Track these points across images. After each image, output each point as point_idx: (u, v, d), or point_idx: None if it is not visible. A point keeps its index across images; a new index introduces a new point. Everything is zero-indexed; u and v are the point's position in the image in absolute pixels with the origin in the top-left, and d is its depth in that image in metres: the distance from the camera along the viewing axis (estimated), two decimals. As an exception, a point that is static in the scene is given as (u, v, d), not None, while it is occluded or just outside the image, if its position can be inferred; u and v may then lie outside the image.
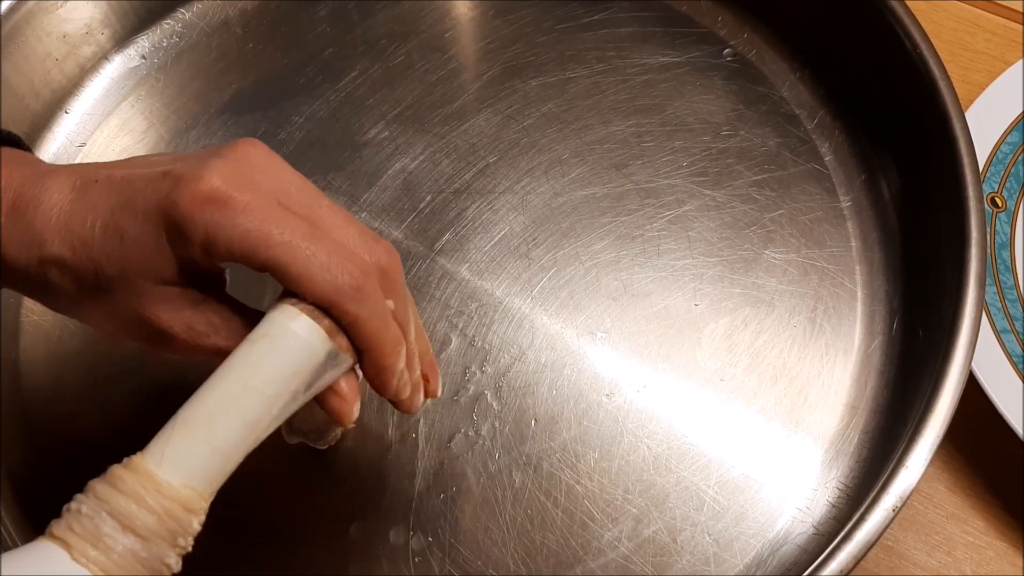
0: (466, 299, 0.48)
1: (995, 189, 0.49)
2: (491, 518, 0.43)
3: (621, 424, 0.45)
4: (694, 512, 0.43)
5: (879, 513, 0.36)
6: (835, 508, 0.42)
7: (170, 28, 0.58)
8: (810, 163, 0.52)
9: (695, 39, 0.56)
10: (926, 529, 0.45)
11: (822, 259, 0.49)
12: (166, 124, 0.55)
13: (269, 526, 0.43)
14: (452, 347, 0.47)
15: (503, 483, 0.43)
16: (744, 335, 0.47)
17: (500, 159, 0.52)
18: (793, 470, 0.43)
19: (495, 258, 0.49)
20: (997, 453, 0.46)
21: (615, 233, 0.50)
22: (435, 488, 0.43)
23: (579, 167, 0.52)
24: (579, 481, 0.43)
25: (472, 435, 0.45)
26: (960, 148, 0.45)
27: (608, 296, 0.48)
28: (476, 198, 0.51)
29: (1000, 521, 0.45)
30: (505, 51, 0.56)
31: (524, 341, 0.47)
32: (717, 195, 0.51)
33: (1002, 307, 0.45)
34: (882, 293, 0.48)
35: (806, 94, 0.54)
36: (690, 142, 0.52)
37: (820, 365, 0.46)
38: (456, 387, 0.46)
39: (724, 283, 0.48)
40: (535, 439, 0.44)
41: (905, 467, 0.37)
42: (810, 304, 0.47)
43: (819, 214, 0.50)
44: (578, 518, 0.43)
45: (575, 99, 0.54)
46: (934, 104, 0.46)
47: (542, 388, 0.46)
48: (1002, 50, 0.59)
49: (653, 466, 0.44)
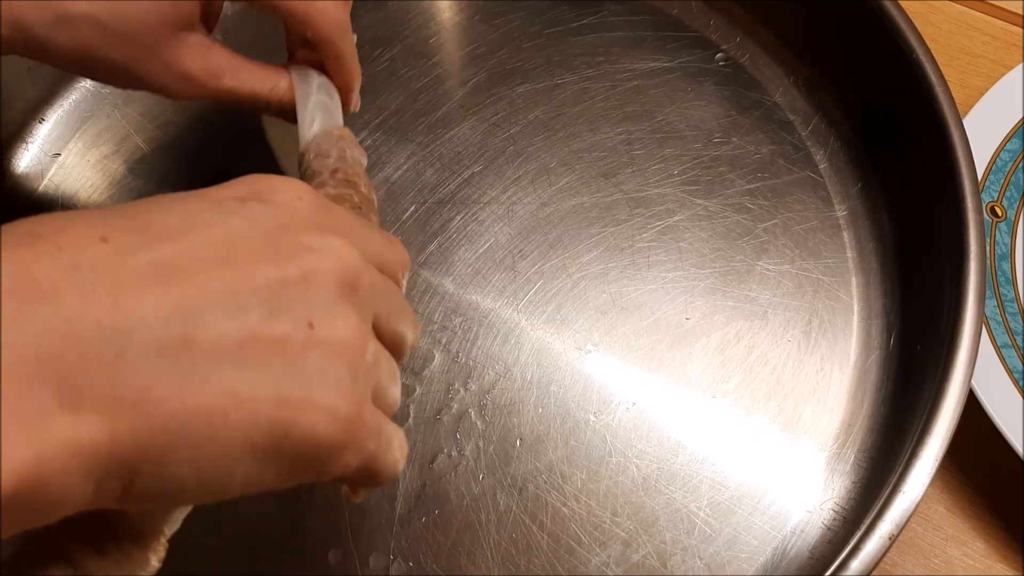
0: (450, 313, 0.47)
1: (995, 198, 0.48)
2: (474, 543, 0.41)
3: (609, 444, 0.43)
4: (684, 535, 0.41)
5: (875, 541, 0.35)
6: (831, 531, 0.41)
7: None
8: (805, 171, 0.50)
9: (686, 43, 0.55)
10: (925, 552, 0.43)
11: (817, 270, 0.47)
12: (144, 133, 0.53)
13: (244, 552, 0.42)
14: (435, 363, 0.45)
15: (487, 506, 0.42)
16: (737, 350, 0.45)
17: (486, 168, 0.51)
18: (787, 491, 0.42)
19: (480, 270, 0.48)
20: (998, 472, 0.45)
21: (604, 244, 0.48)
22: (416, 511, 0.42)
23: (567, 176, 0.50)
24: (566, 503, 0.42)
25: (455, 455, 0.43)
26: (958, 156, 0.44)
27: (596, 310, 0.47)
28: (461, 209, 0.50)
29: (1001, 544, 0.43)
30: (491, 57, 0.55)
31: (509, 357, 0.45)
32: (709, 204, 0.49)
33: (1002, 321, 0.44)
34: (879, 306, 0.46)
35: (800, 100, 0.53)
36: (681, 150, 0.51)
37: (815, 381, 0.44)
38: (439, 405, 0.44)
39: (716, 296, 0.47)
40: (520, 460, 0.43)
41: (902, 492, 0.35)
42: (805, 317, 0.46)
43: (814, 224, 0.49)
44: (564, 542, 0.41)
45: (563, 106, 0.53)
46: (931, 111, 0.45)
47: (528, 406, 0.44)
48: (1001, 54, 0.57)
49: (642, 487, 0.42)
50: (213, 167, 0.52)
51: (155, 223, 0.26)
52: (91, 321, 0.22)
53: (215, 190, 0.28)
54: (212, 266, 0.25)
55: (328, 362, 0.26)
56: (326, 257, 0.27)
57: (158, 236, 0.25)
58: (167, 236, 0.25)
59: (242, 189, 0.29)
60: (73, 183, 0.52)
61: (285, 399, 0.25)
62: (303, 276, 0.26)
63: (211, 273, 0.25)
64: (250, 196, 0.28)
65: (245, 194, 0.28)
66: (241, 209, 0.27)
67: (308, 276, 0.26)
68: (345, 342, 0.27)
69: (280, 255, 0.27)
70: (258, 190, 0.29)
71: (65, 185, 0.52)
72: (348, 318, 0.27)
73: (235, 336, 0.25)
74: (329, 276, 0.27)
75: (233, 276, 0.25)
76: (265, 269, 0.26)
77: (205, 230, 0.26)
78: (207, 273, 0.25)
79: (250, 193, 0.28)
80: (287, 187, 0.29)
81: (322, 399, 0.26)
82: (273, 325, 0.25)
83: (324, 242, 0.28)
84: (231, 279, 0.25)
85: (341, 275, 0.27)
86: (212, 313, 0.24)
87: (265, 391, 0.25)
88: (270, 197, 0.28)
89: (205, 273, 0.25)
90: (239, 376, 0.24)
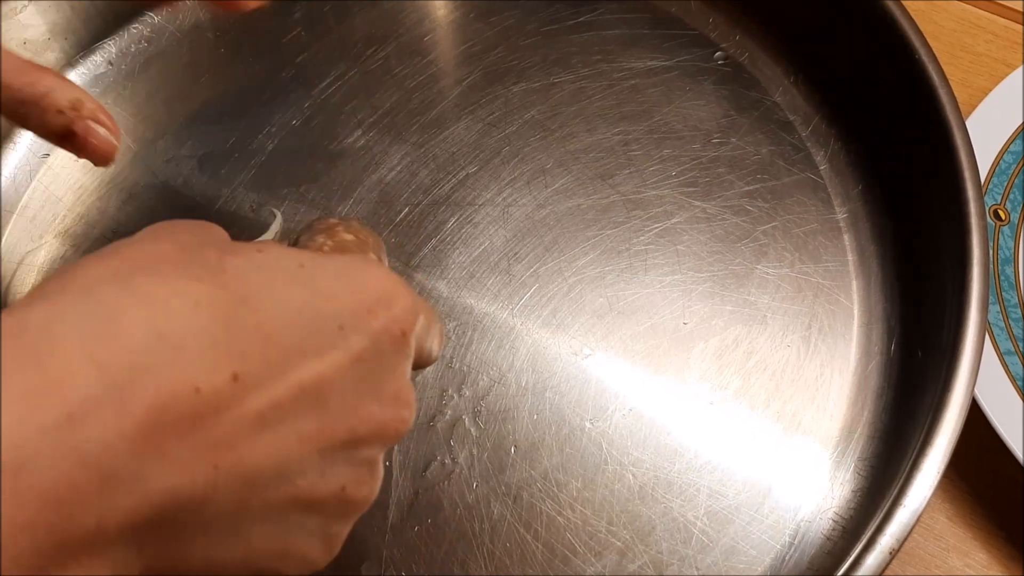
0: (444, 317, 0.46)
1: (998, 201, 0.47)
2: (468, 552, 0.41)
3: (605, 451, 0.42)
4: (681, 545, 0.40)
5: (876, 556, 0.34)
6: (830, 542, 0.40)
7: (138, 33, 0.55)
8: (805, 172, 0.49)
9: (685, 42, 0.54)
10: (926, 563, 0.43)
11: (817, 274, 0.46)
12: (134, 134, 0.53)
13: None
14: (428, 369, 0.45)
15: (481, 514, 0.41)
16: (735, 355, 0.45)
17: (481, 169, 0.50)
18: (786, 500, 0.41)
19: (474, 274, 0.47)
20: (1001, 482, 0.44)
21: (600, 247, 0.48)
22: (409, 520, 0.41)
23: (563, 177, 0.50)
24: (561, 512, 0.41)
25: (449, 463, 0.42)
26: (960, 158, 0.43)
27: (592, 314, 0.46)
28: (455, 210, 0.49)
29: (1004, 555, 0.43)
30: (487, 55, 0.54)
31: (504, 362, 0.45)
32: (707, 206, 0.48)
33: (1005, 327, 0.43)
34: (879, 311, 0.45)
35: (800, 99, 0.52)
36: (679, 150, 0.50)
37: (815, 388, 0.44)
38: (432, 412, 0.44)
39: (714, 300, 0.46)
40: (515, 467, 0.42)
41: (903, 505, 0.35)
42: (804, 322, 0.45)
43: (814, 226, 0.48)
44: (559, 552, 0.40)
45: (559, 105, 0.52)
46: (934, 112, 0.44)
47: (523, 412, 0.43)
48: (1004, 52, 0.57)
49: (639, 496, 0.41)
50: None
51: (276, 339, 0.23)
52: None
53: (341, 291, 0.25)
54: (302, 417, 0.23)
55: (336, 520, 0.26)
56: (392, 415, 0.26)
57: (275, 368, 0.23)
58: (278, 369, 0.23)
59: (368, 300, 0.25)
60: (62, 184, 0.51)
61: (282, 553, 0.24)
62: (367, 435, 0.25)
63: (299, 428, 0.23)
64: (369, 320, 0.25)
65: (371, 305, 0.25)
66: (354, 339, 0.24)
67: (370, 437, 0.25)
68: (358, 504, 0.26)
69: (359, 409, 0.25)
70: (380, 312, 0.25)
71: (54, 187, 0.51)
72: (375, 482, 0.27)
73: (281, 500, 0.23)
74: (386, 437, 0.26)
75: (314, 433, 0.23)
76: (342, 428, 0.24)
77: (314, 362, 0.23)
78: (295, 428, 0.23)
79: (370, 316, 0.25)
80: (402, 313, 0.26)
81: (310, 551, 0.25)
82: (317, 488, 0.24)
83: (396, 394, 0.26)
84: (311, 439, 0.23)
85: (393, 436, 0.26)
86: (276, 479, 0.23)
87: (273, 546, 0.24)
88: (385, 317, 0.25)
89: (294, 428, 0.23)
90: (261, 533, 0.23)
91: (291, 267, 0.24)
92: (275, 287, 0.24)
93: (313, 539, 0.25)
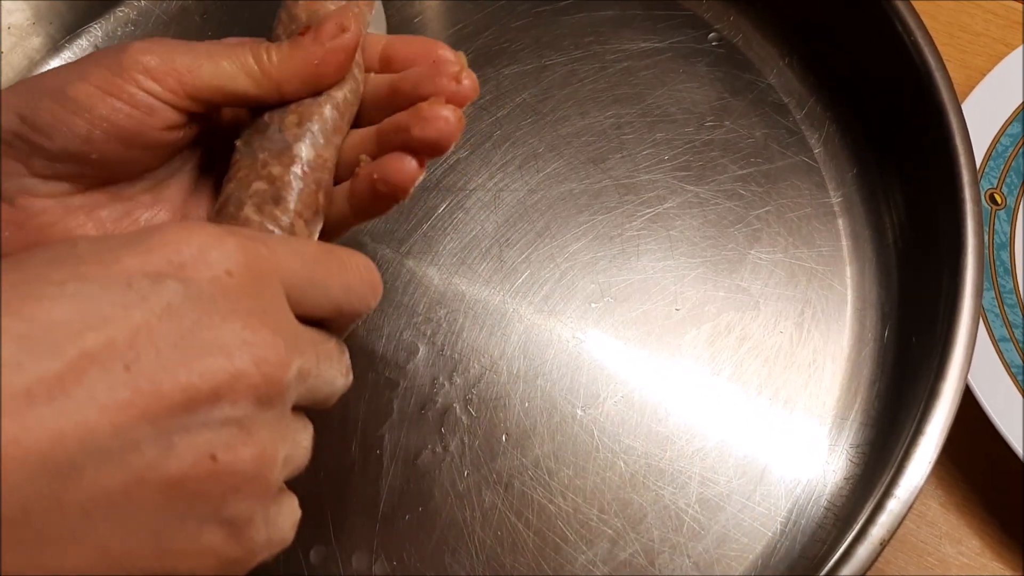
0: (434, 305, 0.46)
1: (994, 185, 0.47)
2: (459, 540, 0.40)
3: (596, 439, 0.42)
4: (673, 533, 0.40)
5: (867, 546, 0.34)
6: (822, 530, 0.40)
7: (124, 16, 0.55)
8: (799, 156, 0.49)
9: (678, 23, 0.53)
10: (918, 550, 0.43)
11: (811, 259, 0.46)
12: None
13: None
14: (419, 356, 0.44)
15: (472, 503, 0.41)
16: (728, 341, 0.44)
17: (472, 153, 0.50)
18: (778, 487, 0.41)
19: (465, 260, 0.47)
20: (995, 468, 0.44)
21: (592, 233, 0.47)
22: (400, 508, 0.41)
23: (555, 162, 0.49)
24: (552, 500, 0.41)
25: (440, 451, 0.42)
26: (956, 142, 0.42)
27: (584, 300, 0.45)
28: (446, 196, 0.48)
29: (996, 542, 0.43)
30: (477, 37, 0.53)
31: (496, 350, 0.44)
32: (700, 191, 0.48)
33: (1000, 314, 0.43)
34: (873, 296, 0.45)
35: (795, 82, 0.51)
36: (672, 134, 0.50)
37: (808, 374, 0.43)
38: (423, 400, 0.43)
39: (707, 286, 0.46)
40: (506, 455, 0.42)
41: (895, 496, 0.34)
42: (797, 308, 0.45)
43: (808, 211, 0.47)
44: (551, 540, 0.40)
45: (551, 88, 0.51)
46: (929, 95, 0.44)
47: (514, 400, 0.43)
48: (1003, 32, 0.56)
49: (630, 483, 0.41)
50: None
51: (41, 316, 0.21)
52: None
53: (125, 255, 0.23)
54: (98, 385, 0.21)
55: (227, 500, 0.23)
56: (246, 361, 0.23)
57: (42, 343, 0.20)
58: (54, 343, 0.21)
59: (159, 259, 0.23)
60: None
61: (167, 550, 0.22)
62: (214, 391, 0.22)
63: (97, 398, 0.20)
64: (168, 271, 0.23)
65: (162, 267, 0.23)
66: (152, 295, 0.22)
67: (219, 390, 0.22)
68: (247, 474, 0.23)
69: (190, 363, 0.22)
70: (179, 261, 0.23)
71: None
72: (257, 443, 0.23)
73: (118, 485, 0.21)
74: (245, 387, 0.23)
75: (127, 402, 0.21)
76: (169, 388, 0.21)
77: (103, 330, 0.21)
78: (95, 401, 0.20)
79: (168, 267, 0.23)
80: (214, 255, 0.23)
81: (211, 542, 0.23)
82: (167, 463, 0.21)
83: (244, 339, 0.23)
84: (124, 408, 0.21)
85: (259, 384, 0.23)
86: (94, 460, 0.20)
87: (144, 544, 0.21)
88: (192, 272, 0.23)
89: (92, 401, 0.20)
90: (113, 531, 0.21)
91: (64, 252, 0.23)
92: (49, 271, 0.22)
93: (208, 527, 0.22)
